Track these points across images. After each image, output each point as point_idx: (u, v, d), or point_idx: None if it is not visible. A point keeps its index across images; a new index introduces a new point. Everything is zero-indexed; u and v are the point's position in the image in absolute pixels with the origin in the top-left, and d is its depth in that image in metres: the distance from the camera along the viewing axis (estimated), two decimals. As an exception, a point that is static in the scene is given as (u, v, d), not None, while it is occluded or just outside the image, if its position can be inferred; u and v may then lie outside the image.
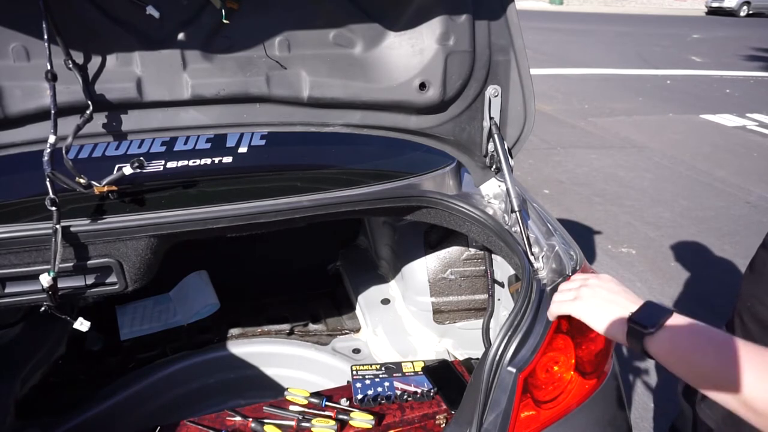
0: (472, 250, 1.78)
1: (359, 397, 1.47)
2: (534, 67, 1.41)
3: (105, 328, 1.92)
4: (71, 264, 1.18)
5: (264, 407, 1.44)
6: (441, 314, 1.82)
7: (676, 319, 0.80)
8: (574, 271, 1.21)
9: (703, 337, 0.77)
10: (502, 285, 1.68)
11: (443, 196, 1.42)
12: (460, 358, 1.71)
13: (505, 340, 1.07)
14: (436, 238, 1.81)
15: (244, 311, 2.00)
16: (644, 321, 0.80)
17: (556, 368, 1.13)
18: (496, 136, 1.37)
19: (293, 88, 1.27)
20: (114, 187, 1.18)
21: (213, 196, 1.31)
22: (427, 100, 1.33)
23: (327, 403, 1.45)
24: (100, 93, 1.16)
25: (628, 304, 0.86)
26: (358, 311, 2.04)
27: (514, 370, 1.05)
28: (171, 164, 1.37)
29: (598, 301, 0.90)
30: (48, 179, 1.09)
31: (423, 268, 1.81)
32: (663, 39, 14.89)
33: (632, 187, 4.89)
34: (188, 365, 1.78)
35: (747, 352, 0.73)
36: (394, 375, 1.56)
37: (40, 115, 1.14)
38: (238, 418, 1.40)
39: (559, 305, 0.97)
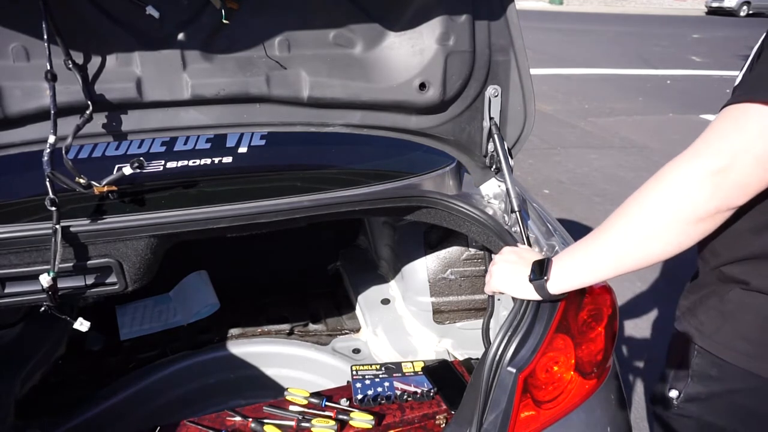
0: (472, 250, 1.78)
1: (359, 397, 1.47)
2: (534, 67, 1.42)
3: (105, 328, 1.92)
4: (71, 264, 1.18)
5: (264, 407, 1.44)
6: (441, 314, 1.82)
7: (558, 261, 1.02)
8: None
9: (578, 257, 0.99)
10: (502, 285, 1.67)
11: (443, 196, 1.42)
12: (460, 358, 1.71)
13: (505, 340, 1.07)
14: (436, 238, 1.81)
15: (244, 311, 2.00)
16: (538, 276, 1.03)
17: (556, 368, 1.13)
18: (496, 136, 1.37)
19: (293, 88, 1.27)
20: (114, 187, 1.18)
21: (213, 196, 1.31)
22: (427, 100, 1.33)
23: (327, 403, 1.45)
24: (100, 93, 1.16)
25: (524, 270, 1.07)
26: (358, 311, 2.04)
27: (514, 370, 1.05)
28: (171, 164, 1.37)
29: (504, 276, 1.12)
30: (48, 179, 1.09)
31: (423, 268, 1.81)
32: (663, 39, 14.88)
33: (632, 187, 4.81)
34: (188, 365, 1.78)
35: (600, 232, 0.95)
36: (394, 375, 1.56)
37: (40, 115, 1.14)
38: (238, 418, 1.40)
39: (486, 286, 1.17)
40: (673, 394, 1.17)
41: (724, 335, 1.06)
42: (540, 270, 1.03)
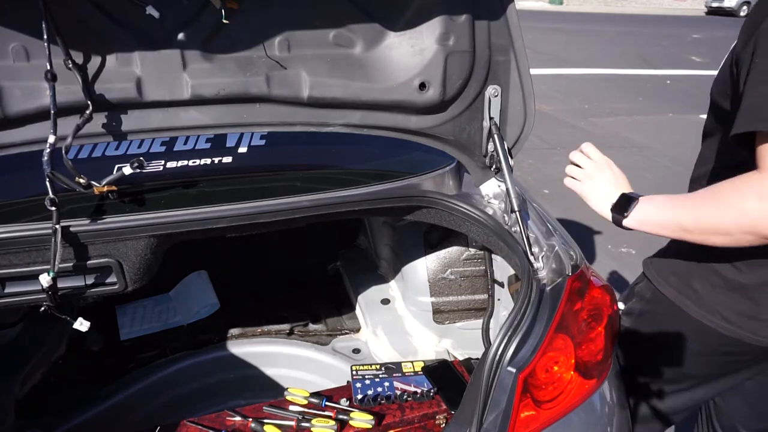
0: (472, 250, 1.78)
1: (359, 397, 1.47)
2: (534, 67, 1.42)
3: (105, 328, 1.92)
4: (71, 264, 1.18)
5: (264, 407, 1.44)
6: (441, 314, 1.82)
7: (642, 204, 1.15)
8: (573, 271, 1.21)
9: (655, 210, 1.14)
10: (502, 285, 1.68)
11: (443, 196, 1.42)
12: (460, 358, 1.71)
13: (505, 340, 1.07)
14: (436, 238, 1.81)
15: (244, 311, 2.00)
16: (620, 211, 1.18)
17: (556, 368, 1.13)
18: (496, 136, 1.37)
19: (293, 88, 1.27)
20: (114, 187, 1.18)
21: (213, 196, 1.31)
22: (427, 100, 1.33)
23: (327, 403, 1.45)
24: (100, 93, 1.16)
25: (614, 194, 1.22)
26: (358, 311, 2.04)
27: (514, 370, 1.05)
28: (171, 164, 1.37)
29: (593, 189, 1.26)
30: (48, 179, 1.09)
31: (423, 268, 1.81)
32: (663, 39, 14.87)
33: (632, 187, 4.88)
34: (188, 365, 1.78)
35: (677, 204, 1.10)
36: (394, 375, 1.56)
37: (39, 115, 1.14)
38: (238, 418, 1.40)
39: (572, 182, 1.30)
40: (620, 305, 1.44)
41: (662, 269, 1.35)
42: (624, 205, 1.18)
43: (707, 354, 1.29)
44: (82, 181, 1.13)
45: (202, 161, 1.40)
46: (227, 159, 1.42)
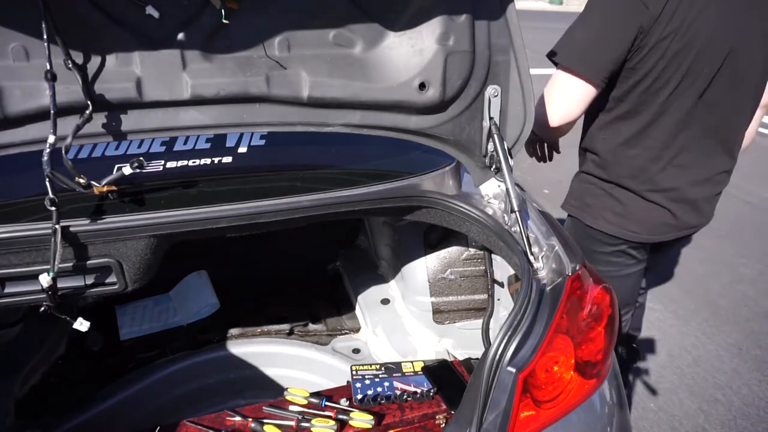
0: (472, 250, 1.78)
1: (359, 397, 1.47)
2: (534, 67, 1.42)
3: (105, 328, 1.92)
4: (71, 264, 1.18)
5: (264, 407, 1.44)
6: (441, 314, 1.82)
7: None
8: (573, 271, 1.21)
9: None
10: (502, 285, 1.68)
11: (443, 196, 1.42)
12: (460, 358, 1.71)
13: (504, 340, 1.07)
14: (436, 238, 1.82)
15: (244, 311, 2.00)
16: None
17: (555, 368, 1.13)
18: (495, 136, 1.37)
19: (293, 88, 1.27)
20: (114, 187, 1.18)
21: (213, 196, 1.31)
22: (427, 100, 1.33)
23: (327, 403, 1.45)
24: (100, 93, 1.16)
25: None
26: (358, 311, 2.04)
27: (513, 370, 1.05)
28: (171, 164, 1.37)
29: None
30: (47, 179, 1.09)
31: (423, 268, 1.81)
32: (663, 39, 14.82)
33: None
34: (188, 365, 1.78)
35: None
36: (394, 375, 1.56)
37: (39, 115, 1.14)
38: (238, 418, 1.40)
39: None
40: None
41: (569, 198, 1.84)
42: None
43: (612, 254, 1.68)
44: (82, 181, 1.13)
45: (202, 161, 1.40)
46: (227, 159, 1.42)
